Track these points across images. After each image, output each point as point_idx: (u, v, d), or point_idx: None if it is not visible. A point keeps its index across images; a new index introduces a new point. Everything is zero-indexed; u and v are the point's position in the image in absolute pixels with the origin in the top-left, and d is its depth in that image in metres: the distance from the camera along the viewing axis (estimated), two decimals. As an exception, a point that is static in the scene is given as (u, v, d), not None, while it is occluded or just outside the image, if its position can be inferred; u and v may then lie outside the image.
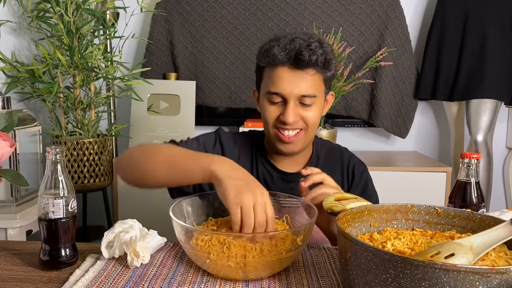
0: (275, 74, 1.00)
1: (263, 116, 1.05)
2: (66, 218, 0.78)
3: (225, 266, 0.74)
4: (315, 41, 0.99)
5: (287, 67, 0.99)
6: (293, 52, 0.97)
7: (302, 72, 0.99)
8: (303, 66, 0.98)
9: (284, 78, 0.99)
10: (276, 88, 1.00)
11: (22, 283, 0.74)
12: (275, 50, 0.99)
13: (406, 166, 2.04)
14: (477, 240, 0.61)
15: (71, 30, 1.74)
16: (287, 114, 0.99)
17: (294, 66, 0.98)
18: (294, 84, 0.99)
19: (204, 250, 0.75)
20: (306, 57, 0.96)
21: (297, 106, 1.00)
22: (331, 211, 0.77)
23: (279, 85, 0.99)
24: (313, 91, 1.00)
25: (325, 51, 1.00)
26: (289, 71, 0.99)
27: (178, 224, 0.77)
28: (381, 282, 0.56)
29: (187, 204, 0.89)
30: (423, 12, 2.40)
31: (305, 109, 1.01)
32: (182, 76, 2.33)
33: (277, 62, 0.99)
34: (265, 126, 1.06)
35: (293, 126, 1.01)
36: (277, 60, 0.98)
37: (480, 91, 2.10)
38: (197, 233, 0.78)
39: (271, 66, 1.01)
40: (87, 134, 1.86)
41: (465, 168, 0.91)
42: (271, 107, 1.02)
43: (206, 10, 2.30)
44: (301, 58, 0.97)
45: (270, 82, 1.01)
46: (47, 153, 0.77)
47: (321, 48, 0.99)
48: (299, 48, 0.97)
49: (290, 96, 0.99)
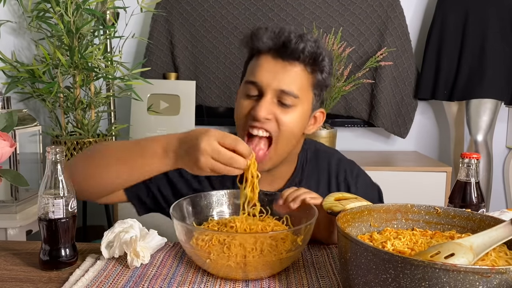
0: (256, 62, 0.89)
1: (235, 113, 0.93)
2: (66, 218, 0.78)
3: (225, 266, 0.74)
4: (309, 37, 0.87)
5: (270, 56, 0.87)
6: (281, 39, 0.86)
7: (286, 64, 0.86)
8: (288, 56, 0.86)
9: (264, 67, 0.87)
10: (253, 77, 0.88)
11: (22, 283, 0.74)
12: (261, 33, 0.87)
13: (406, 166, 2.04)
14: (477, 240, 0.61)
15: (71, 30, 1.74)
16: (259, 107, 0.86)
17: (278, 54, 0.86)
18: (274, 75, 0.86)
19: (204, 250, 0.75)
20: (293, 44, 0.84)
21: (273, 103, 0.87)
22: (331, 211, 0.77)
23: (257, 74, 0.87)
24: (295, 88, 0.87)
25: (318, 45, 0.87)
26: (271, 60, 0.87)
27: (179, 224, 0.77)
28: (381, 282, 0.56)
29: (188, 204, 0.89)
30: (423, 12, 2.40)
31: (283, 110, 0.88)
32: (182, 76, 2.33)
33: (261, 46, 0.87)
34: (236, 121, 0.94)
35: (264, 124, 0.87)
36: (260, 42, 0.87)
37: (480, 91, 2.10)
38: (197, 232, 0.78)
39: (255, 56, 0.90)
40: (87, 134, 1.86)
41: (465, 168, 0.91)
42: (245, 101, 0.90)
43: (206, 10, 2.30)
44: (287, 45, 0.85)
45: (250, 71, 0.90)
46: (47, 153, 0.77)
47: (315, 43, 0.87)
48: (288, 35, 0.85)
49: (268, 88, 0.87)
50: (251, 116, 0.88)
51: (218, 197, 0.92)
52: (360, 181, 1.05)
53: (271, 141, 0.90)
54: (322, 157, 1.05)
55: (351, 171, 1.05)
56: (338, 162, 1.05)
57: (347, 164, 1.06)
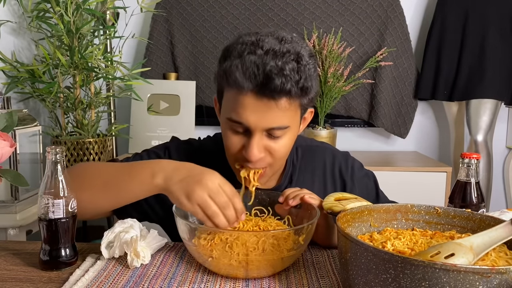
0: (237, 100, 0.81)
1: (225, 144, 0.89)
2: (66, 218, 0.78)
3: (227, 265, 0.74)
4: (290, 61, 0.79)
5: (253, 95, 0.79)
6: (260, 78, 0.77)
7: (271, 102, 0.79)
8: (273, 95, 0.78)
9: (248, 108, 0.80)
10: (238, 117, 0.82)
11: (22, 283, 0.74)
12: (235, 73, 0.78)
13: (406, 166, 2.04)
14: (477, 240, 0.61)
15: (71, 30, 1.74)
16: (250, 150, 0.82)
17: (261, 93, 0.78)
18: (261, 115, 0.80)
19: (206, 248, 0.75)
20: (277, 84, 0.77)
21: (263, 138, 0.83)
22: (331, 211, 0.77)
23: (242, 115, 0.81)
24: (285, 122, 0.82)
25: (303, 77, 0.80)
26: (255, 100, 0.79)
27: (182, 222, 0.78)
28: (381, 282, 0.56)
29: None
30: (423, 12, 2.40)
31: (274, 141, 0.85)
32: (182, 76, 2.33)
33: (238, 87, 0.79)
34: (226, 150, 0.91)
35: (257, 164, 0.86)
36: (239, 86, 0.79)
37: (480, 91, 2.10)
38: (199, 231, 0.78)
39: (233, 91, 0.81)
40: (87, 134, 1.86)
41: (465, 168, 0.91)
42: (233, 137, 0.85)
43: (206, 10, 2.30)
44: (270, 87, 0.77)
45: (231, 107, 0.83)
46: (47, 153, 0.77)
47: (298, 72, 0.79)
48: (269, 74, 0.77)
49: (256, 129, 0.82)
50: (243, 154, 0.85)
51: None
52: (356, 175, 1.04)
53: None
54: (316, 152, 1.04)
55: (346, 166, 1.04)
56: (333, 158, 1.04)
57: (341, 158, 1.05)
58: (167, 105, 2.19)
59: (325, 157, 1.04)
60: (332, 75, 2.03)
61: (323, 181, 1.03)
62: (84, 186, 0.85)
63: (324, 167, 1.03)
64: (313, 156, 1.03)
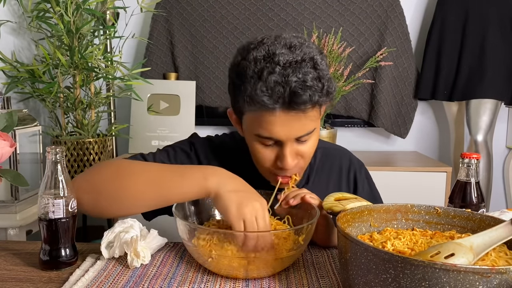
0: (265, 118, 0.82)
1: (254, 156, 0.90)
2: (66, 218, 0.78)
3: (227, 265, 0.74)
4: (309, 70, 0.80)
5: (280, 112, 0.81)
6: (287, 95, 0.78)
7: (299, 114, 0.81)
8: (301, 108, 0.80)
9: (277, 123, 0.82)
10: (268, 133, 0.83)
11: (22, 283, 0.74)
12: (262, 97, 0.79)
13: (406, 166, 2.04)
14: (477, 240, 0.61)
15: (71, 30, 1.74)
16: (285, 160, 0.85)
17: (288, 108, 0.80)
18: (291, 128, 0.83)
19: (206, 248, 0.75)
20: (305, 98, 0.79)
21: (293, 145, 0.86)
22: (331, 211, 0.77)
23: (272, 131, 0.83)
24: (311, 126, 0.85)
25: (325, 83, 0.81)
26: (283, 115, 0.81)
27: (181, 222, 0.78)
28: (381, 282, 0.56)
29: (190, 203, 0.90)
30: (423, 12, 2.40)
31: (303, 144, 0.88)
32: (182, 76, 2.32)
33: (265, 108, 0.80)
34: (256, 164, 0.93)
35: (292, 170, 0.89)
36: (266, 107, 0.80)
37: (480, 91, 2.10)
38: (199, 231, 0.78)
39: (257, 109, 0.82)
40: (87, 134, 1.86)
41: (465, 168, 0.91)
42: (264, 150, 0.87)
43: (206, 10, 2.30)
44: (298, 102, 0.79)
45: (258, 125, 0.84)
46: (47, 153, 0.77)
47: (320, 80, 0.81)
48: (294, 89, 0.78)
49: (287, 141, 0.85)
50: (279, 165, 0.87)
51: None
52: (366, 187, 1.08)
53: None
54: (334, 155, 1.08)
55: (360, 173, 1.08)
56: (349, 163, 1.08)
57: (357, 165, 1.09)
58: (167, 105, 2.19)
59: (341, 160, 1.07)
60: (332, 75, 2.03)
61: (338, 183, 1.05)
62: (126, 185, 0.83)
63: (340, 170, 1.06)
64: (331, 158, 1.06)
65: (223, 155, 0.98)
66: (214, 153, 1.01)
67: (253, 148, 0.89)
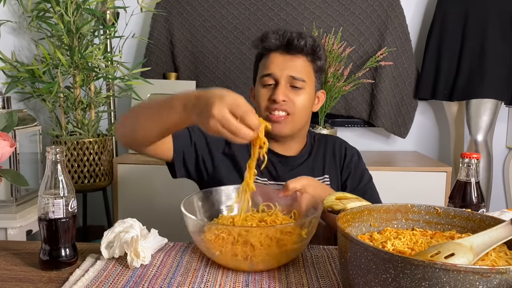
0: (268, 59, 1.12)
1: (256, 101, 1.13)
2: (66, 218, 0.78)
3: (234, 259, 0.77)
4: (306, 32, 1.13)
5: (279, 53, 1.11)
6: (285, 38, 1.10)
7: (292, 57, 1.11)
8: (293, 50, 1.10)
9: (276, 62, 1.11)
10: (268, 70, 1.10)
11: (22, 283, 0.74)
12: (270, 36, 1.11)
13: (406, 166, 2.04)
14: (477, 240, 0.61)
15: (71, 30, 1.74)
16: (277, 92, 1.08)
17: (285, 51, 1.10)
18: (285, 66, 1.10)
19: (214, 243, 0.78)
20: (296, 41, 1.09)
21: (287, 88, 1.10)
22: (331, 210, 0.77)
23: (271, 67, 1.10)
24: (302, 75, 1.10)
25: (314, 40, 1.12)
26: (280, 56, 1.11)
27: (190, 218, 0.80)
28: (381, 282, 0.56)
29: (198, 199, 0.92)
30: (423, 12, 2.40)
31: (295, 93, 1.10)
32: (182, 76, 2.32)
33: (271, 46, 1.11)
34: (257, 111, 1.13)
35: (282, 106, 1.09)
36: (271, 43, 1.11)
37: (480, 91, 2.10)
38: (207, 227, 0.81)
39: (266, 54, 1.13)
40: (87, 134, 1.86)
41: (465, 168, 0.91)
42: (263, 89, 1.12)
43: (206, 10, 2.30)
44: (291, 42, 1.09)
45: (263, 67, 1.13)
46: (47, 153, 0.77)
47: (311, 37, 1.11)
48: (290, 34, 1.10)
49: (281, 77, 1.09)
50: (271, 100, 1.09)
51: (228, 192, 0.97)
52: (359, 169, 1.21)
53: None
54: (330, 138, 1.27)
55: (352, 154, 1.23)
56: (345, 146, 1.25)
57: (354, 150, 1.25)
58: (167, 105, 2.19)
59: (336, 142, 1.25)
60: (332, 75, 2.03)
61: (333, 160, 1.20)
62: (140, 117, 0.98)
63: (334, 149, 1.23)
64: (328, 140, 1.26)
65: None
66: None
67: (257, 93, 1.13)
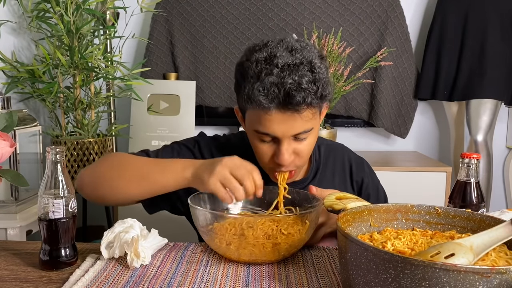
0: (262, 116, 0.87)
1: (254, 151, 0.96)
2: (66, 218, 0.78)
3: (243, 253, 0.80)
4: (305, 73, 0.84)
5: (276, 111, 0.86)
6: (281, 95, 0.83)
7: (295, 114, 0.86)
8: (295, 108, 0.85)
9: (274, 121, 0.87)
10: (266, 129, 0.89)
11: (22, 283, 0.74)
12: (258, 97, 0.84)
13: (406, 166, 2.04)
14: (477, 240, 0.61)
15: (71, 30, 1.74)
16: (281, 157, 0.90)
17: (284, 108, 0.85)
18: (286, 126, 0.87)
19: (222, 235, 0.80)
20: (298, 99, 0.83)
21: (291, 143, 0.90)
22: (331, 209, 0.77)
23: (269, 127, 0.88)
24: (308, 126, 0.89)
25: (319, 86, 0.86)
26: (279, 114, 0.86)
27: (198, 210, 0.82)
28: (381, 282, 0.56)
29: (204, 198, 0.93)
30: (423, 12, 2.40)
31: (300, 142, 0.92)
32: (182, 76, 2.32)
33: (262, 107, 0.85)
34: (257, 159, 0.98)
35: (289, 167, 0.93)
36: (262, 106, 0.85)
37: (480, 91, 2.10)
38: (217, 219, 0.82)
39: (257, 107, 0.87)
40: (87, 134, 1.86)
41: (465, 168, 0.91)
42: (262, 145, 0.93)
43: (206, 10, 2.30)
44: (292, 103, 0.84)
45: (257, 121, 0.89)
46: (47, 153, 0.77)
47: (315, 83, 0.85)
48: (288, 91, 0.83)
49: (284, 137, 0.89)
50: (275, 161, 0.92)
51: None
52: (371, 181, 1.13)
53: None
54: (336, 151, 1.13)
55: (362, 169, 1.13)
56: (353, 159, 1.13)
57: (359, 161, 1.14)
58: (167, 105, 2.19)
59: (344, 156, 1.13)
60: (332, 75, 2.03)
61: (343, 178, 1.10)
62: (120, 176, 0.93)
63: (344, 165, 1.11)
64: (334, 154, 1.12)
65: (228, 152, 1.01)
66: (219, 150, 1.06)
67: (253, 144, 0.95)
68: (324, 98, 0.90)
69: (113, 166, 0.95)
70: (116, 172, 0.94)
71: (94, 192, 0.97)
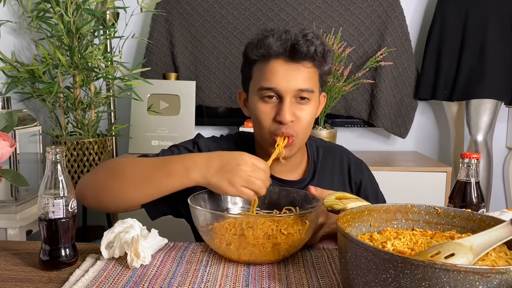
0: (268, 68, 0.92)
1: (256, 117, 0.97)
2: (66, 218, 0.78)
3: (243, 252, 0.80)
4: (310, 32, 0.93)
5: (282, 60, 0.92)
6: (289, 43, 0.90)
7: (298, 65, 0.92)
8: (300, 58, 0.91)
9: (279, 72, 0.91)
10: (270, 83, 0.92)
11: (22, 283, 0.74)
12: (269, 40, 0.91)
13: (406, 166, 2.04)
14: (477, 240, 0.61)
15: (71, 30, 1.74)
16: (283, 113, 0.91)
17: (290, 58, 0.91)
18: (290, 78, 0.91)
19: (222, 235, 0.80)
20: (303, 48, 0.90)
21: (292, 104, 0.93)
22: (331, 209, 0.77)
23: (274, 80, 0.91)
24: (310, 85, 0.93)
25: (323, 42, 0.94)
26: (284, 64, 0.91)
27: (198, 211, 0.82)
28: (381, 282, 0.56)
29: (204, 197, 0.93)
30: (423, 12, 2.40)
31: (300, 108, 0.94)
32: (182, 76, 2.32)
33: (271, 53, 0.91)
34: (257, 129, 0.99)
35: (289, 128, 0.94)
36: (271, 51, 0.91)
37: (480, 91, 2.10)
38: (217, 220, 0.82)
39: (264, 60, 0.93)
40: (87, 134, 1.86)
41: (465, 168, 0.91)
42: (264, 106, 0.94)
43: (206, 10, 2.30)
44: (298, 49, 0.90)
45: (262, 77, 0.93)
46: (47, 153, 0.77)
47: (318, 38, 0.93)
48: (295, 38, 0.90)
49: (287, 92, 0.92)
50: (276, 120, 0.94)
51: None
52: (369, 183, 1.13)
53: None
54: (334, 152, 1.14)
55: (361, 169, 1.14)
56: (351, 160, 1.13)
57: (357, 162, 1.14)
58: (167, 105, 2.19)
59: (343, 157, 1.13)
60: (332, 75, 2.03)
61: (342, 179, 1.11)
62: (121, 182, 0.91)
63: (342, 166, 1.12)
64: (332, 155, 1.12)
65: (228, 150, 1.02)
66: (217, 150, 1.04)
67: (256, 108, 0.96)
68: (326, 60, 0.95)
69: (110, 174, 0.93)
70: (116, 179, 0.92)
71: (95, 201, 0.95)
